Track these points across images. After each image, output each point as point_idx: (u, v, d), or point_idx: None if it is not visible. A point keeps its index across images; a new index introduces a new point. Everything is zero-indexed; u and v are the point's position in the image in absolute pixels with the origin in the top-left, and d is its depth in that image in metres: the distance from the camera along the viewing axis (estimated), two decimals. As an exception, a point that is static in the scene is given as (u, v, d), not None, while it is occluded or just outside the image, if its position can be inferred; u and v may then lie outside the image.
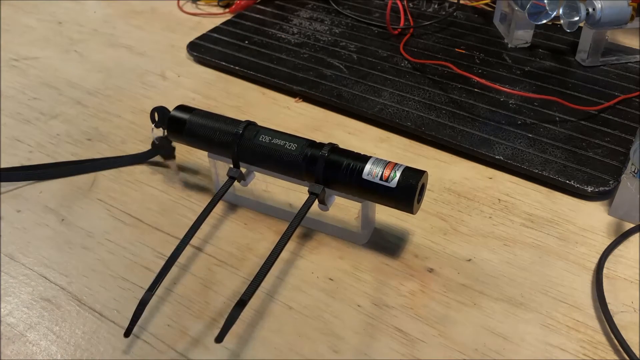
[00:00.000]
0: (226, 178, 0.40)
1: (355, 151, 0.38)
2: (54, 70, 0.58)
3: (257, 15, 0.64)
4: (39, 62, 0.59)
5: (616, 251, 0.39)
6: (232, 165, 0.40)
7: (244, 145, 0.39)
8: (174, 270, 0.38)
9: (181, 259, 0.38)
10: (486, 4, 0.66)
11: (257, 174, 0.41)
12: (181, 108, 0.42)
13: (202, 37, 0.60)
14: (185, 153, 0.47)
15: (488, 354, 0.33)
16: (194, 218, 0.41)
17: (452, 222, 0.41)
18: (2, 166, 0.46)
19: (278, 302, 0.36)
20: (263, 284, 0.37)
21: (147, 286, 0.37)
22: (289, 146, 0.38)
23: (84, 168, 0.45)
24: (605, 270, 0.37)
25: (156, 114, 0.42)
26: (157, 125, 0.43)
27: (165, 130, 0.42)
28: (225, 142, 0.39)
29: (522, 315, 0.35)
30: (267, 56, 0.57)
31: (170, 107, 0.40)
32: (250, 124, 0.40)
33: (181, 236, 0.40)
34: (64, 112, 0.52)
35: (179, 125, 0.41)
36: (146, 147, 0.46)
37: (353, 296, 0.36)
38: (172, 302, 0.36)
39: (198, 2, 0.68)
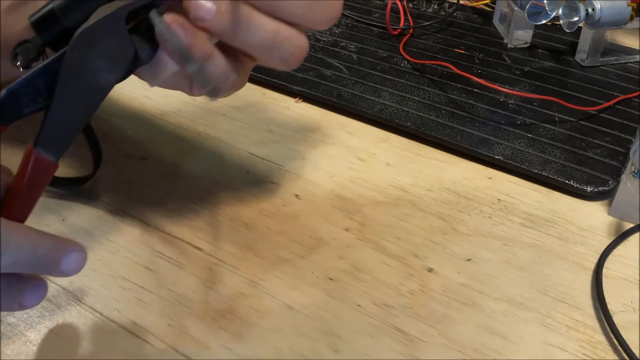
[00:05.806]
0: None
1: None
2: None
3: (257, 16, 0.64)
4: (39, 62, 0.59)
5: (616, 251, 0.39)
6: None
7: None
8: (174, 270, 0.38)
9: (181, 259, 0.38)
10: (486, 4, 0.66)
11: None
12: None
13: (202, 37, 0.60)
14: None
15: (488, 353, 0.33)
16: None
17: (452, 222, 0.41)
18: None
19: (278, 302, 0.36)
20: (263, 283, 0.37)
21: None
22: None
23: None
24: (604, 270, 0.38)
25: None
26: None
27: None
28: None
29: (521, 315, 0.35)
30: (267, 56, 0.57)
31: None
32: None
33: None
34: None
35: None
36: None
37: (353, 296, 0.36)
38: (172, 302, 0.36)
39: (198, 2, 0.68)
